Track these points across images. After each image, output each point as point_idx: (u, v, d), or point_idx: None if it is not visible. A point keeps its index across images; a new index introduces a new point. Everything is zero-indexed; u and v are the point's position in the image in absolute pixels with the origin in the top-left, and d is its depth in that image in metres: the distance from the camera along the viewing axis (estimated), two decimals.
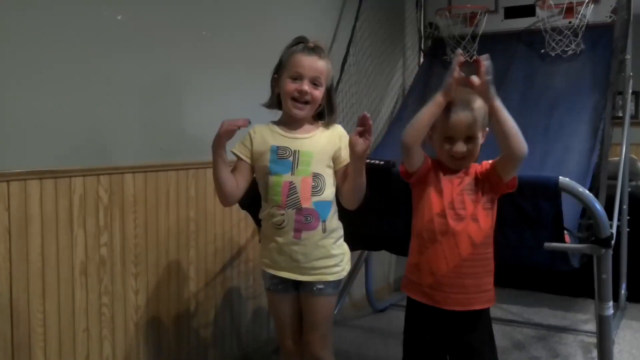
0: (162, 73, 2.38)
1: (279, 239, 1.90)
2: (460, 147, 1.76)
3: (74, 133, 2.08)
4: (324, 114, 1.97)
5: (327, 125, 1.97)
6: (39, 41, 1.96)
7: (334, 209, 1.94)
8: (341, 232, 1.97)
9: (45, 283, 1.99)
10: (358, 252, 3.35)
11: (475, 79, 1.65)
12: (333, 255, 1.93)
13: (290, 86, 1.87)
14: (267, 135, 1.94)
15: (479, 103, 1.75)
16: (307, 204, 1.87)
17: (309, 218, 1.88)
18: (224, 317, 2.72)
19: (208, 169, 2.55)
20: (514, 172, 1.76)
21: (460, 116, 1.74)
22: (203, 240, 2.58)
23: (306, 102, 1.88)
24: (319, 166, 1.89)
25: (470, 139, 1.76)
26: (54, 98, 2.01)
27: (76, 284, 2.09)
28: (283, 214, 1.88)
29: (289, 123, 1.94)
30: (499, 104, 1.66)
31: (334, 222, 1.94)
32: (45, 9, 1.97)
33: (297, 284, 1.96)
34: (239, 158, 1.97)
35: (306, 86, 1.86)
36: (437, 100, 1.72)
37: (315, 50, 1.88)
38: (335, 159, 1.92)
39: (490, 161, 1.80)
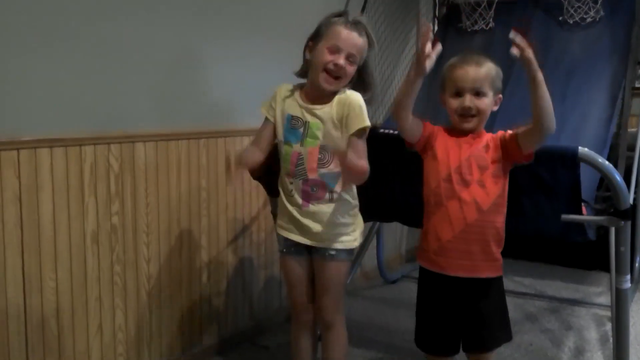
0: (173, 41, 2.33)
1: (290, 206, 1.93)
2: (469, 100, 1.76)
3: (84, 101, 2.05)
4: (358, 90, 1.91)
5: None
6: (49, 7, 1.92)
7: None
8: (354, 202, 1.95)
9: (57, 251, 1.99)
10: (370, 223, 3.33)
11: (515, 51, 1.63)
12: (342, 224, 1.92)
13: (327, 57, 1.82)
14: (288, 99, 1.93)
15: (490, 64, 1.78)
16: (313, 174, 1.87)
17: (314, 189, 1.88)
18: (235, 286, 2.72)
19: (219, 138, 2.55)
20: (536, 146, 1.75)
21: (467, 68, 1.77)
22: (215, 209, 2.57)
23: (338, 77, 1.84)
24: (327, 137, 1.86)
25: (478, 94, 1.76)
26: (65, 65, 1.98)
27: (88, 252, 2.08)
28: (292, 183, 1.90)
29: (310, 93, 1.91)
30: (541, 77, 1.64)
31: (344, 191, 1.91)
32: None
33: (310, 248, 1.96)
34: (266, 118, 1.97)
35: (342, 60, 1.81)
36: (409, 77, 1.72)
37: (357, 26, 1.84)
38: (344, 127, 1.87)
39: (509, 131, 1.77)
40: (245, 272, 2.77)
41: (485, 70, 1.78)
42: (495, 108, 1.84)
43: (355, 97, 1.88)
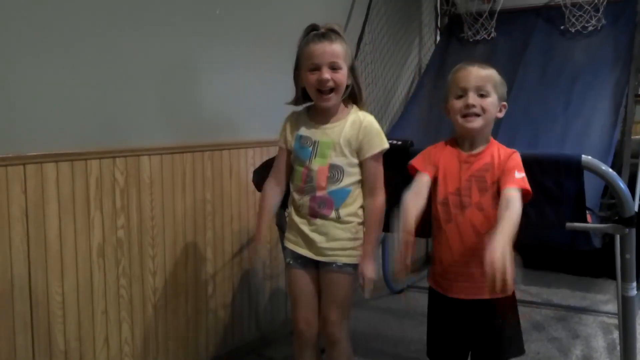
0: (177, 54, 2.35)
1: (298, 220, 1.94)
2: (472, 98, 1.74)
3: (89, 115, 2.06)
4: (355, 94, 1.93)
5: (359, 109, 1.93)
6: (52, 22, 1.94)
7: (352, 199, 1.90)
8: (360, 217, 1.93)
9: (64, 265, 2.00)
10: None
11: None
12: (349, 239, 1.91)
13: (311, 78, 1.84)
14: (297, 122, 1.96)
15: (493, 70, 1.79)
16: (321, 192, 1.88)
17: (321, 205, 1.89)
18: (241, 298, 2.72)
19: (224, 151, 2.56)
20: None
21: (469, 69, 1.78)
22: (220, 222, 2.58)
23: (331, 90, 1.84)
24: (338, 157, 1.87)
25: (482, 94, 1.75)
26: (70, 80, 2.00)
27: (94, 266, 2.09)
28: (300, 198, 1.92)
29: (318, 114, 1.93)
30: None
31: (351, 207, 1.91)
32: None
33: (317, 262, 1.95)
34: (280, 147, 2.00)
35: (326, 74, 1.82)
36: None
37: (325, 35, 1.84)
38: (357, 151, 1.89)
39: (508, 173, 1.72)
40: (250, 284, 2.77)
41: (488, 72, 1.78)
42: (500, 115, 1.83)
43: (369, 119, 1.90)
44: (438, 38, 3.81)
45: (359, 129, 1.87)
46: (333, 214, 1.89)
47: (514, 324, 1.85)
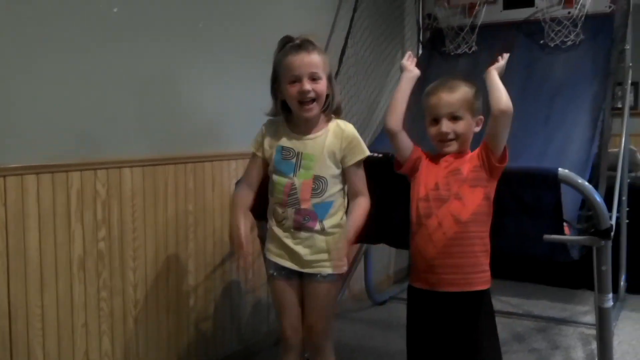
0: (158, 66, 2.36)
1: (280, 234, 1.94)
2: (446, 125, 1.80)
3: (70, 128, 2.06)
4: (331, 106, 1.95)
5: (337, 119, 1.95)
6: (34, 35, 1.94)
7: (335, 211, 1.92)
8: (344, 230, 1.95)
9: (43, 278, 1.99)
10: (357, 245, 3.34)
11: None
12: (333, 250, 1.92)
13: (292, 90, 1.85)
14: (276, 132, 1.96)
15: (463, 87, 1.83)
16: (306, 205, 1.89)
17: (306, 218, 1.89)
18: (223, 310, 2.72)
19: (206, 163, 2.56)
20: (501, 137, 1.78)
21: (440, 95, 1.82)
22: (202, 234, 2.58)
23: (312, 100, 1.86)
24: (322, 168, 1.89)
25: (455, 118, 1.80)
26: (50, 92, 2.00)
27: (74, 278, 2.08)
28: (284, 212, 1.91)
29: (299, 125, 1.93)
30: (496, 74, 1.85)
31: (335, 219, 1.92)
32: (43, 2, 1.95)
33: (300, 273, 1.96)
34: (253, 154, 2.00)
35: (306, 85, 1.83)
36: (403, 77, 1.93)
37: (302, 46, 1.85)
38: (341, 160, 1.91)
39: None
40: (233, 296, 2.77)
41: (458, 94, 1.82)
42: (478, 129, 1.87)
43: (350, 128, 1.93)
44: (420, 51, 3.85)
45: (341, 138, 1.90)
46: (318, 226, 1.90)
47: (494, 331, 1.89)
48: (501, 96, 1.77)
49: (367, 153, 1.92)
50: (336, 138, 1.90)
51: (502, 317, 3.33)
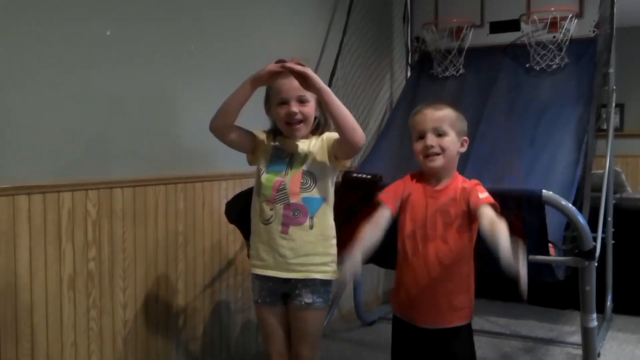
0: (150, 87, 2.39)
1: (267, 235, 1.94)
2: (431, 139, 1.83)
3: (62, 148, 2.08)
4: (320, 126, 2.01)
5: (322, 133, 2.01)
6: (26, 56, 1.97)
7: (324, 208, 1.95)
8: (333, 233, 1.98)
9: (33, 297, 1.99)
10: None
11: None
12: (321, 254, 1.94)
13: (280, 112, 1.93)
14: (273, 136, 2.01)
15: (448, 108, 1.87)
16: (295, 199, 1.91)
17: (296, 213, 1.91)
18: (212, 330, 2.72)
19: (197, 183, 2.58)
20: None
21: (425, 112, 1.86)
22: (192, 254, 2.59)
23: (300, 121, 1.92)
24: (311, 165, 1.93)
25: (439, 134, 1.83)
26: (43, 113, 2.02)
27: (64, 298, 2.09)
28: (272, 209, 1.93)
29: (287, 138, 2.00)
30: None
31: (324, 220, 1.95)
32: (36, 25, 1.98)
33: (285, 297, 1.98)
34: (253, 132, 2.01)
35: (294, 107, 1.90)
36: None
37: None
38: (328, 148, 1.95)
39: (474, 199, 1.79)
40: (222, 316, 2.78)
41: (443, 112, 1.86)
42: (463, 150, 1.90)
43: (326, 132, 2.00)
44: (409, 74, 3.91)
45: (322, 139, 1.97)
46: (307, 222, 1.92)
47: (472, 356, 1.90)
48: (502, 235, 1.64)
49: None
50: (318, 140, 1.98)
51: (490, 337, 3.35)
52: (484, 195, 1.77)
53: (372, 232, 1.79)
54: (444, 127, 1.83)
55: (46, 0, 2.01)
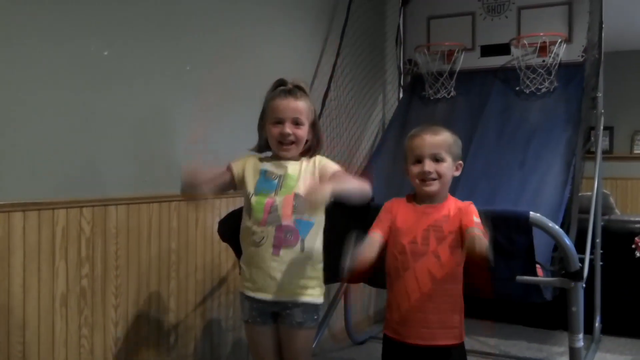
0: (145, 107, 2.42)
1: (258, 256, 1.95)
2: (429, 165, 1.86)
3: (57, 166, 2.11)
4: (311, 149, 2.04)
5: (312, 156, 2.04)
6: (23, 75, 2.00)
7: (315, 232, 1.97)
8: (320, 258, 2.00)
9: (26, 314, 2.00)
10: (338, 284, 3.38)
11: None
12: (309, 277, 1.96)
13: (274, 131, 1.96)
14: (260, 161, 2.04)
15: (446, 132, 1.91)
16: (288, 220, 1.93)
17: (288, 235, 1.93)
18: (203, 348, 2.73)
19: (190, 201, 2.60)
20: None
21: (424, 137, 1.89)
22: (184, 272, 2.61)
23: (292, 142, 1.96)
24: (302, 187, 1.95)
25: (437, 160, 1.87)
26: (38, 131, 2.05)
27: (56, 315, 2.10)
28: (262, 231, 1.94)
29: (277, 159, 2.02)
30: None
31: (314, 244, 1.97)
32: (33, 44, 2.01)
33: (275, 316, 2.00)
34: (228, 167, 2.04)
35: (288, 129, 1.94)
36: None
37: (291, 92, 1.97)
38: (319, 177, 1.98)
39: (467, 219, 1.83)
40: (213, 335, 2.78)
41: (441, 137, 1.90)
42: (457, 173, 1.94)
43: (319, 156, 2.04)
44: (401, 95, 3.96)
45: (314, 164, 2.00)
46: (298, 245, 1.94)
47: None
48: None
49: (338, 166, 2.01)
50: (309, 164, 2.00)
51: (481, 357, 3.37)
52: (478, 220, 1.81)
53: (369, 250, 1.83)
54: (442, 153, 1.87)
55: (45, 19, 2.05)
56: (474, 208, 1.87)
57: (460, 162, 1.95)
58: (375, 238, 1.88)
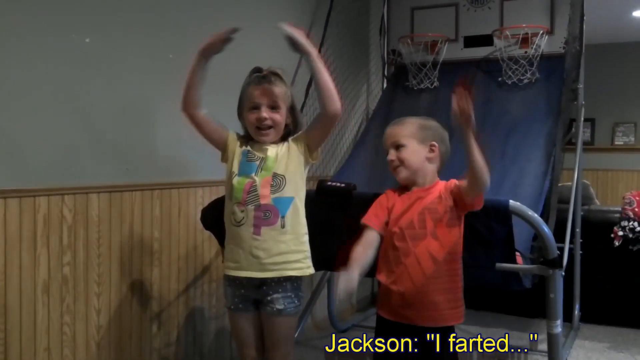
0: (128, 95, 2.41)
1: (239, 237, 1.98)
2: (391, 154, 1.95)
3: (39, 153, 2.10)
4: (291, 134, 2.06)
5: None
6: (4, 63, 1.98)
7: (295, 206, 1.99)
8: (304, 230, 2.02)
9: (7, 302, 2.00)
10: (321, 273, 3.40)
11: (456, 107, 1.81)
12: (294, 251, 1.98)
13: (251, 117, 1.99)
14: (244, 139, 2.06)
15: (411, 120, 1.98)
16: (266, 200, 1.95)
17: (267, 214, 1.95)
18: (186, 337, 2.74)
19: (173, 190, 2.61)
20: (475, 197, 1.86)
21: (387, 131, 1.99)
22: (167, 260, 2.61)
23: (269, 127, 1.98)
24: (281, 168, 1.98)
25: (398, 147, 1.93)
26: (20, 118, 2.04)
27: (38, 302, 2.09)
28: (243, 211, 1.96)
29: (258, 143, 2.04)
30: (474, 144, 1.79)
31: (295, 219, 1.99)
32: (11, 31, 2.00)
33: (257, 303, 2.01)
34: (225, 128, 2.08)
35: (264, 113, 1.97)
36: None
37: (265, 78, 1.99)
38: (298, 145, 2.01)
39: (456, 181, 1.90)
40: (196, 323, 2.79)
41: (401, 127, 1.96)
42: (433, 155, 1.95)
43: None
44: (385, 85, 3.98)
45: (289, 142, 2.04)
46: (279, 222, 1.95)
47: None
48: (486, 175, 1.79)
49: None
50: (285, 145, 2.03)
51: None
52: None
53: (365, 251, 1.86)
54: (402, 140, 1.93)
55: (24, 6, 2.03)
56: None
57: (434, 142, 1.95)
58: (372, 235, 1.92)
